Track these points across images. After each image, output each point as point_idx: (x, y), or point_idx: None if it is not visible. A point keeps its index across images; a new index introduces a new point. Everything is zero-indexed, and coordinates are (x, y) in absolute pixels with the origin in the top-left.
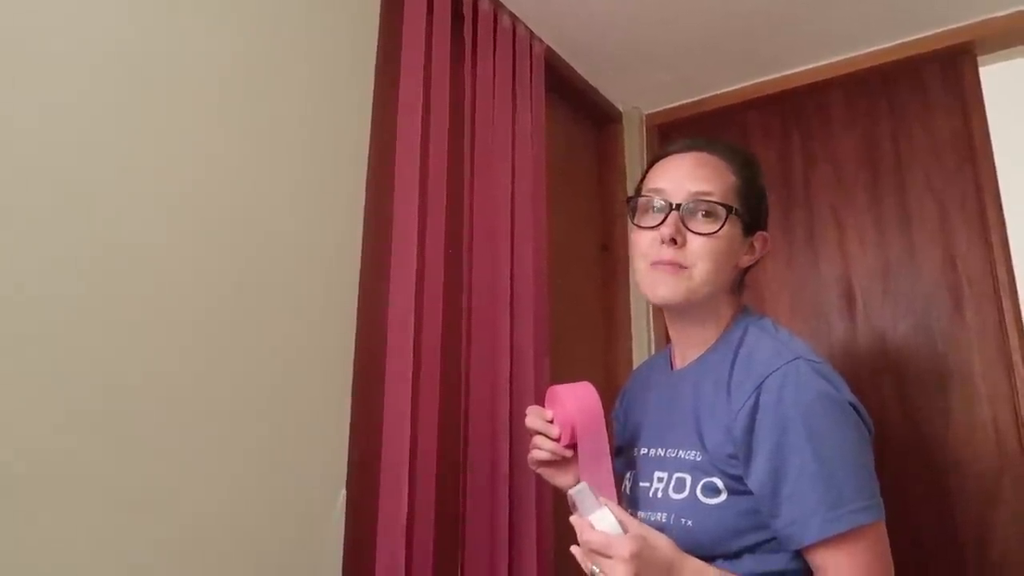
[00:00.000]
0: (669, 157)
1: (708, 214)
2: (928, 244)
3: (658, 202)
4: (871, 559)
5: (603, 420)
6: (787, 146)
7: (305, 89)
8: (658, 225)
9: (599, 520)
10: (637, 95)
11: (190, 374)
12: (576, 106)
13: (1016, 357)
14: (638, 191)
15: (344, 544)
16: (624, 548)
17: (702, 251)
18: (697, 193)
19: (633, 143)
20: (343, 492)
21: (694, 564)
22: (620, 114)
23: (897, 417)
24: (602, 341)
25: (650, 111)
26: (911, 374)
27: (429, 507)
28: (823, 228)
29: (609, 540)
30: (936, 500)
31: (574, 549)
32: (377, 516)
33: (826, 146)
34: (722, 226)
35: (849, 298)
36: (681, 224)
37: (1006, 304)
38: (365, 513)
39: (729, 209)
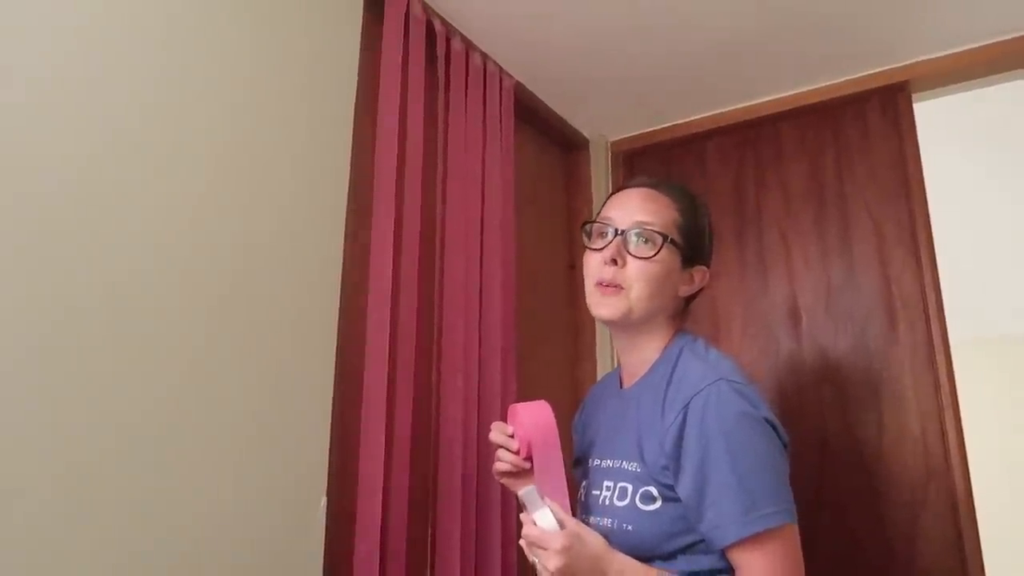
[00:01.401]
0: (624, 191)
1: (646, 240)
2: (866, 266)
3: (607, 229)
4: (781, 557)
5: (556, 435)
6: (742, 173)
7: (290, 119)
8: (603, 247)
9: (540, 518)
10: (602, 123)
11: (180, 386)
12: (545, 134)
13: (942, 376)
14: (594, 218)
15: (325, 546)
16: (556, 542)
17: (638, 273)
18: (639, 222)
19: (599, 168)
20: (324, 499)
21: (621, 559)
22: (587, 141)
23: (836, 426)
24: (569, 356)
25: (615, 138)
26: (849, 388)
27: (402, 511)
28: (773, 250)
29: (545, 535)
30: (870, 503)
31: (521, 542)
32: (355, 520)
33: (777, 173)
34: (657, 252)
35: (795, 315)
36: (623, 248)
37: (934, 325)
38: (344, 517)
39: (665, 238)
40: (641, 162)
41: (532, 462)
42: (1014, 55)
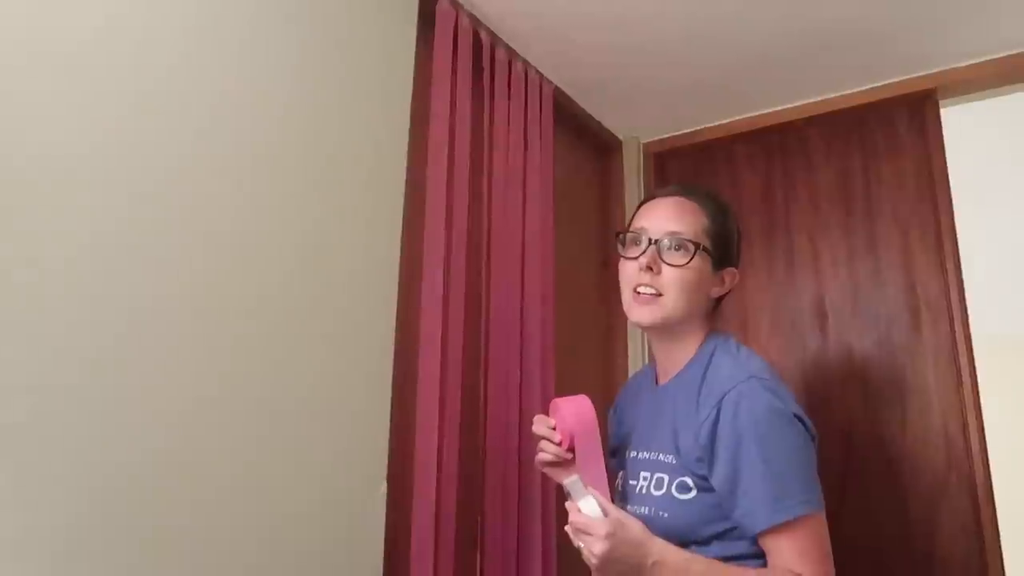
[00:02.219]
0: (655, 200)
1: (679, 248)
2: (892, 269)
3: (641, 237)
4: (809, 543)
5: (597, 428)
6: (770, 177)
7: (353, 132)
8: (639, 256)
9: (585, 506)
10: (635, 126)
11: (262, 381)
12: (580, 136)
13: (965, 374)
14: (628, 226)
15: (386, 527)
16: (601, 528)
17: (673, 279)
18: (672, 232)
19: (631, 169)
20: (384, 485)
21: (660, 544)
22: (620, 143)
23: (861, 422)
24: (601, 351)
25: (647, 140)
26: (874, 385)
27: (452, 498)
28: (800, 251)
29: (590, 522)
30: (893, 494)
31: (567, 528)
32: (412, 505)
33: (805, 178)
34: (691, 259)
35: (821, 315)
36: (657, 256)
37: (957, 326)
38: (402, 503)
39: (697, 246)
40: (673, 164)
41: (574, 453)
42: None
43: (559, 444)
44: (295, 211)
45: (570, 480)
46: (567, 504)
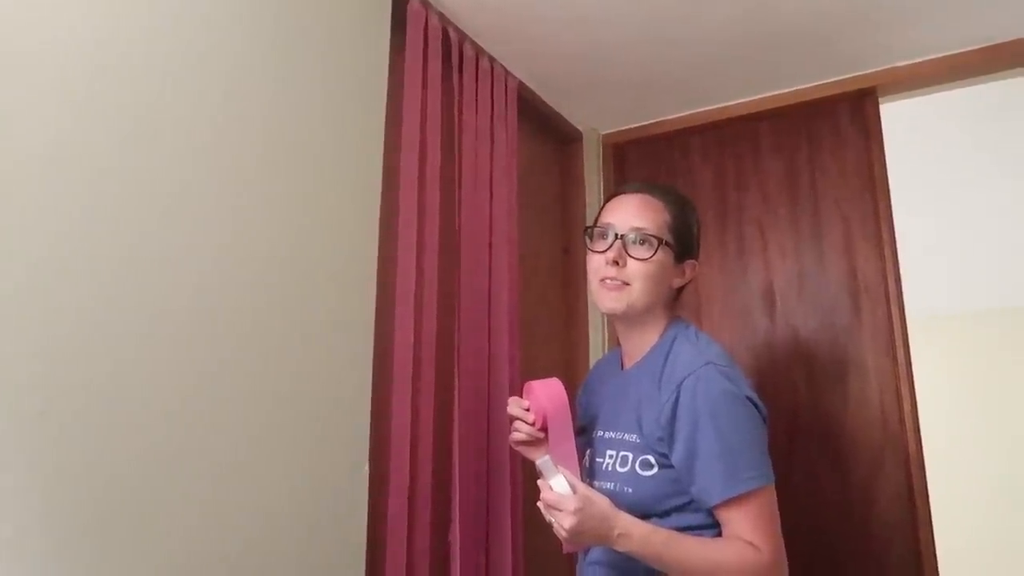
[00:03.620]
0: (620, 197)
1: (643, 242)
2: (835, 256)
3: (608, 232)
4: (760, 514)
5: (569, 409)
6: (723, 168)
7: (330, 128)
8: (606, 250)
9: (556, 483)
10: (595, 118)
11: (246, 375)
12: (543, 128)
13: (899, 353)
14: (595, 222)
15: (368, 503)
16: (571, 504)
17: (638, 271)
18: (637, 228)
19: (591, 159)
20: (366, 466)
21: (625, 517)
22: (580, 134)
23: (805, 398)
24: (564, 334)
25: (606, 132)
26: (817, 363)
27: (428, 475)
28: (751, 239)
29: (560, 498)
30: (834, 466)
31: (539, 504)
32: (389, 481)
33: (755, 169)
34: (654, 253)
35: (770, 299)
36: (623, 250)
37: (894, 309)
38: (382, 479)
39: (660, 241)
40: (631, 154)
41: (547, 433)
42: (973, 65)
43: (532, 424)
44: (275, 205)
45: (542, 460)
46: (539, 482)
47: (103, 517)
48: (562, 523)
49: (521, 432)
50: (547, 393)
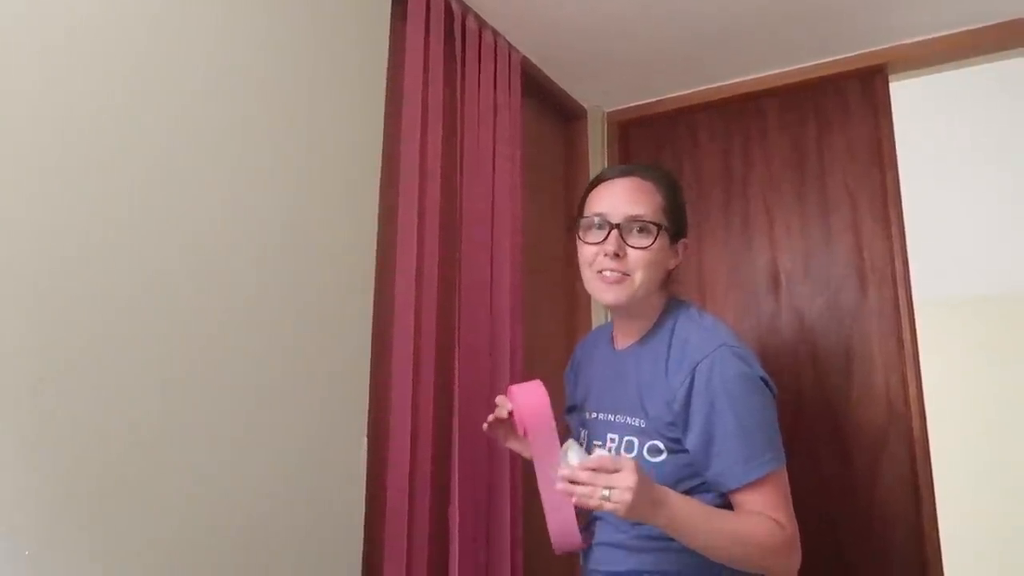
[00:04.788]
0: (608, 183)
1: (642, 231)
2: (841, 235)
3: (600, 222)
4: (775, 495)
5: (551, 416)
6: (729, 145)
7: (329, 103)
8: (602, 241)
9: (580, 455)
10: (600, 95)
11: (250, 357)
12: (546, 104)
13: (906, 334)
14: (581, 211)
15: (367, 477)
16: (627, 461)
17: (639, 261)
18: (633, 216)
19: (596, 136)
20: (364, 440)
21: (659, 486)
22: (584, 111)
23: (810, 379)
24: (566, 313)
25: (611, 109)
26: (822, 343)
27: (427, 451)
28: (756, 218)
29: (611, 459)
30: (838, 446)
31: (559, 486)
32: (388, 457)
33: (761, 147)
34: (654, 241)
35: (775, 279)
36: (620, 240)
37: (900, 289)
38: (380, 455)
39: (659, 227)
40: (636, 132)
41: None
42: (983, 43)
43: (516, 430)
44: (274, 185)
45: (567, 445)
46: (563, 472)
47: (103, 495)
48: (627, 482)
49: (490, 424)
50: (527, 403)
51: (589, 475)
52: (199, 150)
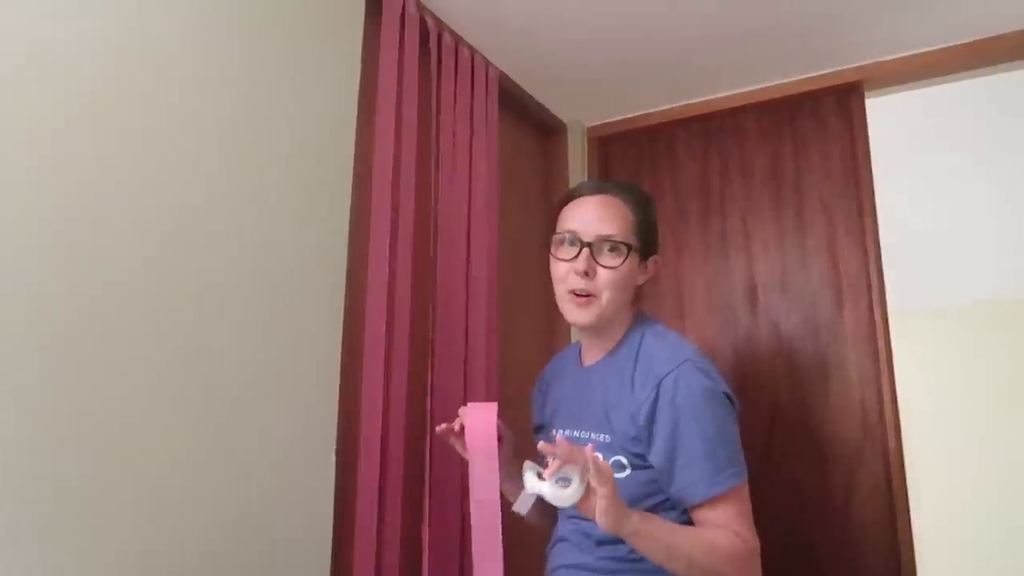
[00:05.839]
0: (580, 200)
1: (612, 250)
2: (817, 251)
3: (572, 239)
4: (737, 508)
5: (493, 436)
6: (707, 161)
7: (301, 117)
8: (573, 259)
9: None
10: (579, 110)
11: (218, 363)
12: (525, 119)
13: (880, 348)
14: (554, 228)
15: (336, 489)
16: (604, 464)
17: (608, 280)
18: (604, 235)
19: (575, 151)
20: (334, 456)
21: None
22: (564, 126)
23: (787, 394)
24: (543, 328)
25: (591, 124)
26: (799, 359)
27: (399, 463)
28: (734, 233)
29: (595, 456)
30: (814, 461)
31: (542, 445)
32: (357, 469)
33: (739, 163)
34: (624, 260)
35: (752, 294)
36: (592, 259)
37: (875, 304)
38: (350, 467)
39: (629, 247)
40: (615, 147)
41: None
42: (958, 60)
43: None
44: (244, 194)
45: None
46: (562, 452)
47: (66, 506)
48: (608, 469)
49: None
50: (473, 425)
51: (595, 468)
52: (170, 156)
